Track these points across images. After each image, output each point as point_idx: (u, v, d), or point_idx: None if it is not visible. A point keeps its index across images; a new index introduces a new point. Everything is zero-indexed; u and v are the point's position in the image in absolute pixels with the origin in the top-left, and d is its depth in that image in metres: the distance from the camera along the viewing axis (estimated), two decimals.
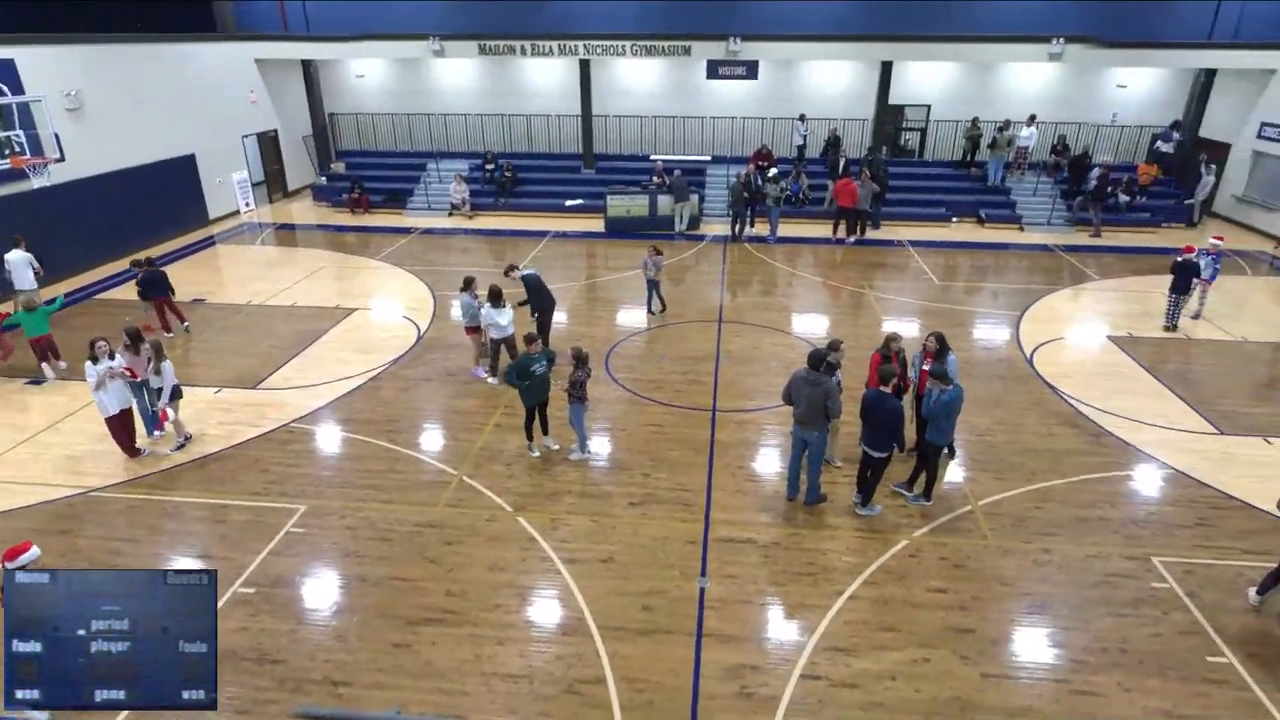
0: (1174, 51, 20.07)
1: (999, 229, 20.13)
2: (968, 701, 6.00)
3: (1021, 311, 14.33)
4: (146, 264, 12.93)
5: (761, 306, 14.76)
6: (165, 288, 12.81)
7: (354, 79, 24.21)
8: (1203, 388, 11.24)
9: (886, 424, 7.71)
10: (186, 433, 9.61)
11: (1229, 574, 7.37)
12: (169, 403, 9.30)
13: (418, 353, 12.46)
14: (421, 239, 19.46)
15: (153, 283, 12.67)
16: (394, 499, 8.53)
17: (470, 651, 6.46)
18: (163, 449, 9.48)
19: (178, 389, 9.36)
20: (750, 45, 20.46)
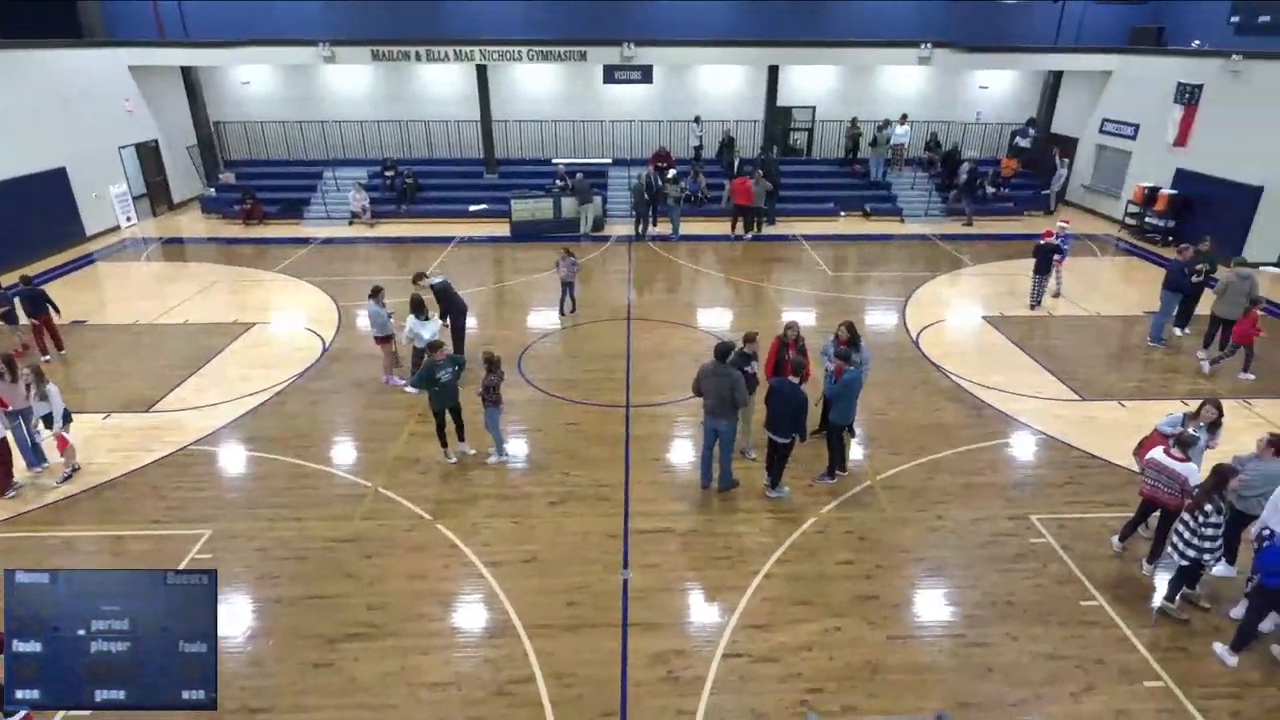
0: (1025, 55, 22.02)
1: (882, 221, 21.41)
2: (877, 664, 6.44)
3: (906, 297, 15.34)
4: (23, 282, 11.99)
5: (668, 303, 15.14)
6: (45, 305, 11.95)
7: (240, 86, 23.04)
8: (1065, 359, 12.38)
9: (791, 412, 8.12)
10: (75, 463, 9.01)
11: (1095, 525, 8.21)
12: (56, 428, 8.68)
13: (324, 365, 12.11)
14: (322, 249, 18.80)
15: (32, 299, 11.81)
16: (306, 516, 8.30)
17: (395, 664, 6.40)
18: (47, 481, 8.86)
19: (68, 413, 8.77)
20: (644, 50, 20.88)
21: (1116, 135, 21.00)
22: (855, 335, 9.15)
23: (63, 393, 8.88)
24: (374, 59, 20.84)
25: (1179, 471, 6.98)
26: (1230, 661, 6.44)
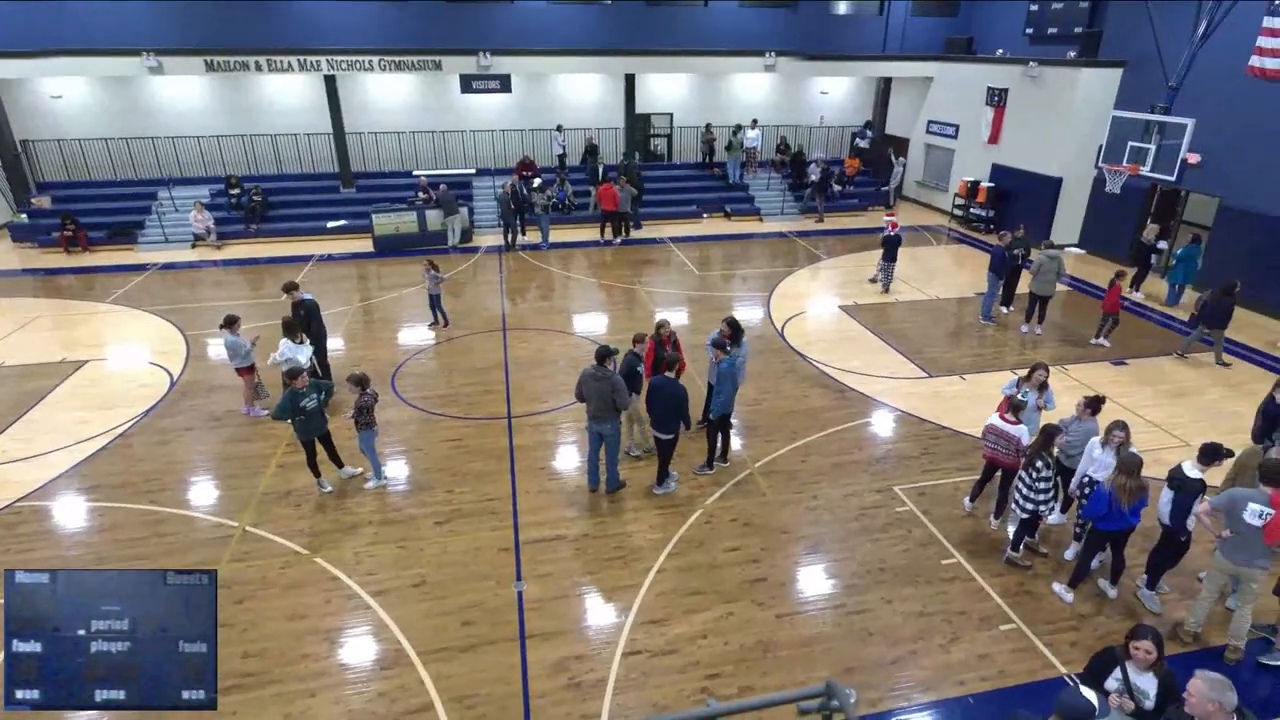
0: (857, 63, 23.80)
1: (743, 221, 22.43)
2: (769, 642, 6.77)
3: (770, 291, 16.16)
4: None
5: (542, 311, 15.12)
6: None
7: (49, 100, 20.64)
8: (912, 340, 13.48)
9: (673, 405, 8.36)
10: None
11: (948, 490, 9.02)
12: None
13: (174, 400, 11.14)
14: (161, 275, 17.24)
15: None
16: (165, 565, 7.60)
17: (279, 711, 6.04)
18: None
19: None
20: (501, 59, 20.70)
21: (941, 135, 23.12)
22: (738, 329, 9.41)
23: None
24: (208, 69, 19.33)
25: (1012, 434, 7.81)
26: (1068, 598, 7.29)
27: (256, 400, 10.69)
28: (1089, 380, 11.86)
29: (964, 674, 6.48)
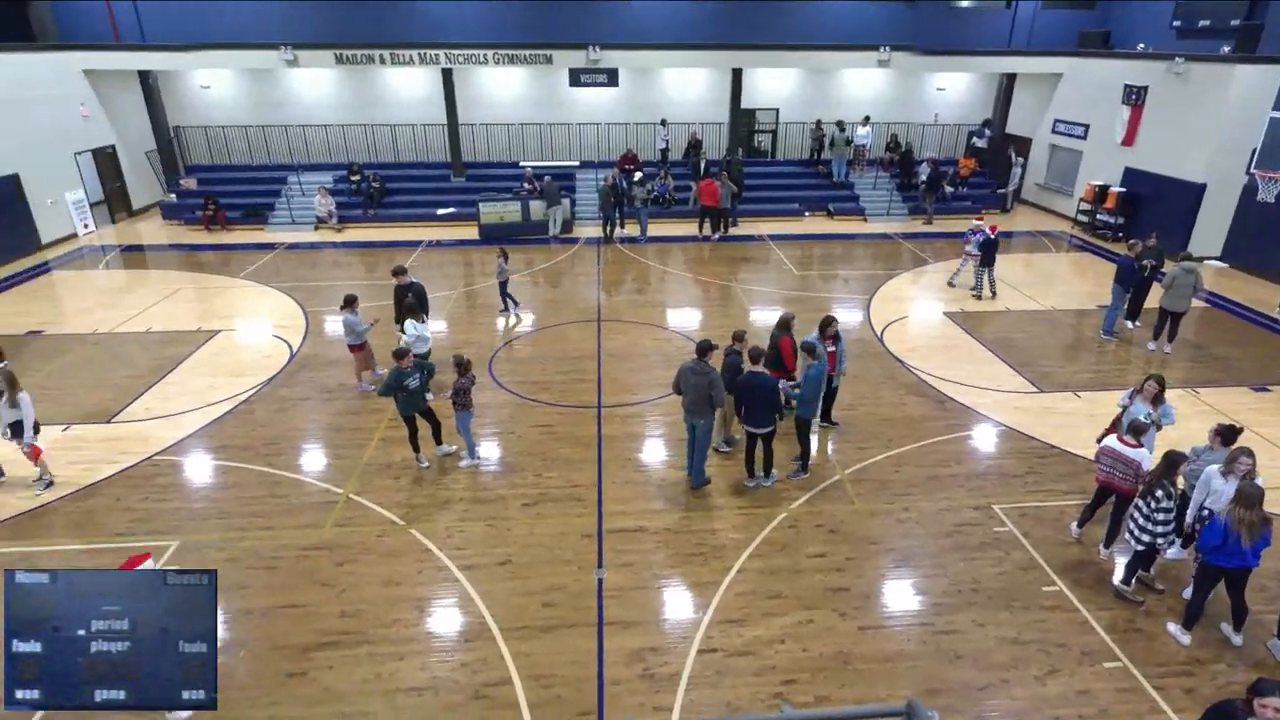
0: (979, 58, 22.59)
1: (846, 220, 21.79)
2: (849, 654, 6.59)
3: (871, 294, 15.65)
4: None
5: (637, 304, 15.23)
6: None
7: (199, 90, 22.60)
8: (1023, 353, 12.74)
9: (764, 400, 8.26)
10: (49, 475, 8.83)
11: (1054, 513, 8.48)
12: (13, 439, 8.46)
13: (292, 371, 11.96)
14: (287, 255, 18.53)
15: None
16: (277, 525, 8.22)
17: (370, 671, 6.38)
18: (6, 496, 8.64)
19: (36, 423, 8.56)
20: (609, 54, 20.96)
21: (1068, 135, 21.65)
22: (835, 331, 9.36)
23: None
24: (338, 62, 20.60)
25: (1132, 457, 7.25)
26: (1184, 640, 6.72)
27: (367, 373, 11.30)
28: (1224, 406, 10.86)
29: (1061, 709, 6.09)
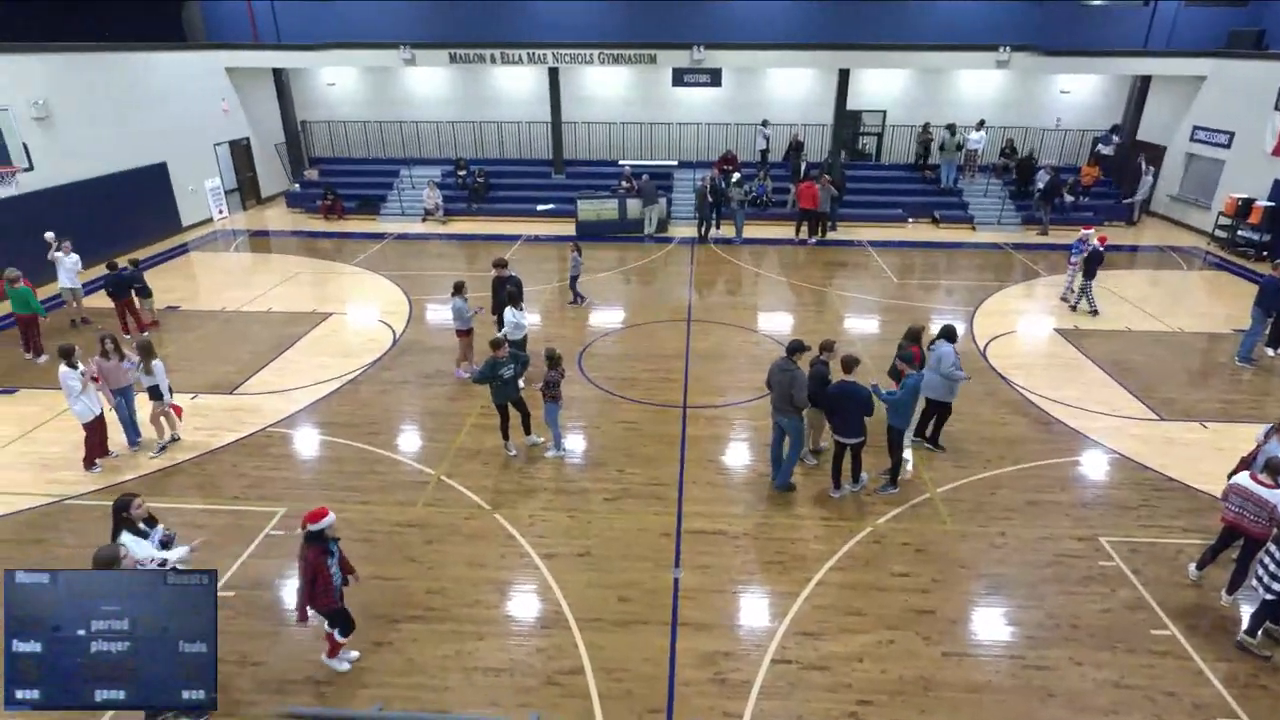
0: (1111, 59, 21.07)
1: (953, 229, 20.87)
2: (930, 680, 6.32)
3: (975, 307, 14.92)
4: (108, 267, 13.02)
5: (728, 305, 15.12)
6: (127, 290, 12.92)
7: (325, 87, 24.13)
8: (1143, 376, 11.84)
9: (857, 409, 8.07)
10: (175, 433, 9.70)
11: (1170, 551, 7.85)
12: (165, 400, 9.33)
13: (395, 355, 12.58)
14: (395, 244, 19.50)
15: (115, 284, 12.85)
16: (373, 500, 8.66)
17: (451, 647, 6.62)
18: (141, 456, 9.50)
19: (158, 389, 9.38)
20: (713, 54, 20.88)
21: (1208, 143, 19.90)
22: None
23: None
24: (451, 61, 21.47)
25: (1266, 498, 6.61)
26: None
27: (465, 362, 11.74)
28: None
29: None
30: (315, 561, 5.80)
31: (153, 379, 9.18)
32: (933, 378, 9.15)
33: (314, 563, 5.79)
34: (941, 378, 9.09)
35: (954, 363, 9.08)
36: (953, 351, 9.12)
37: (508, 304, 11.03)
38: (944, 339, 9.22)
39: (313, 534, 5.78)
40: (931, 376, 9.13)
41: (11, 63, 15.16)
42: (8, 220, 14.59)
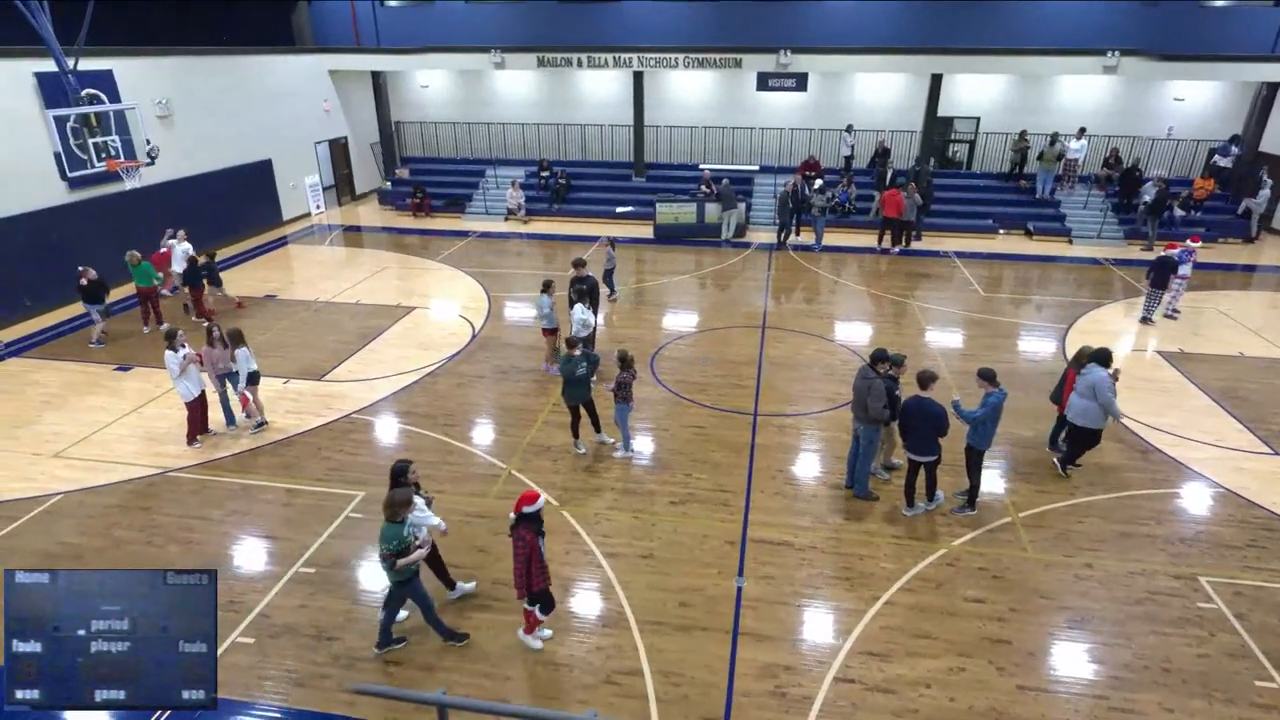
0: (1234, 65, 19.57)
1: (1047, 241, 19.84)
2: (1003, 712, 6.04)
3: (1069, 324, 14.15)
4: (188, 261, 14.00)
5: (804, 313, 14.87)
6: (200, 280, 13.86)
7: (419, 89, 25.09)
8: (1256, 405, 10.98)
9: (931, 426, 7.80)
10: (261, 418, 10.21)
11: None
12: (246, 387, 9.87)
13: (473, 350, 12.93)
14: (478, 242, 20.09)
15: (190, 274, 13.86)
16: (447, 489, 8.92)
17: (514, 639, 6.74)
18: (237, 435, 10.10)
19: (256, 374, 9.94)
20: (800, 58, 20.59)
21: None
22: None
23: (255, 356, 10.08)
24: (539, 65, 21.94)
25: None
26: None
27: (554, 360, 11.93)
28: None
29: None
30: (532, 542, 6.17)
31: (234, 366, 9.75)
32: (1081, 403, 8.78)
33: (531, 543, 6.17)
34: (1099, 405, 8.67)
35: (1110, 388, 8.63)
36: (1106, 377, 8.67)
37: (577, 301, 11.16)
38: (1097, 362, 8.79)
39: (527, 516, 6.16)
40: (1080, 402, 8.78)
41: (139, 64, 16.40)
42: (132, 210, 15.70)
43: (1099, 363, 8.79)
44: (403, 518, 6.13)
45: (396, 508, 6.09)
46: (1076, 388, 8.87)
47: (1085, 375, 8.77)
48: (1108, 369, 8.77)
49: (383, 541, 6.07)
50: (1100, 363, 8.78)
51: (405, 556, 6.09)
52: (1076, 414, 8.89)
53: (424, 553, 6.33)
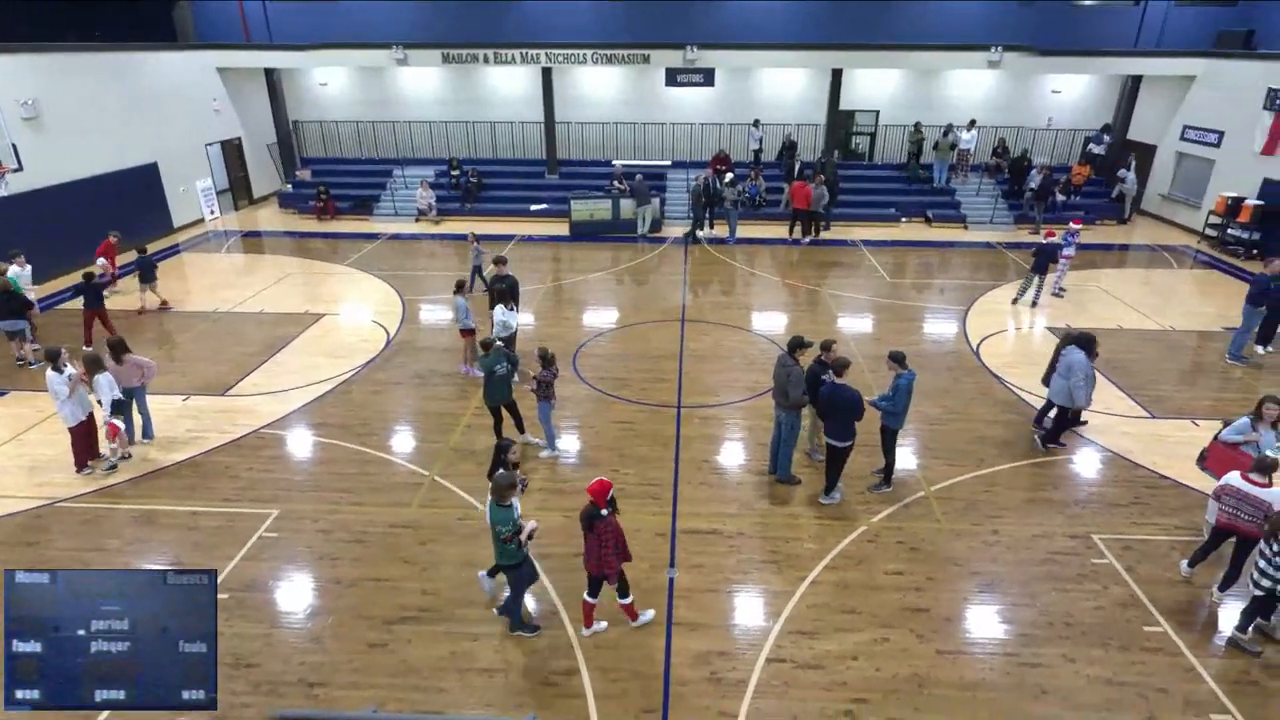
0: (1102, 59, 21.21)
1: (945, 228, 20.94)
2: (925, 677, 6.35)
3: (968, 306, 14.97)
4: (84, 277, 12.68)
5: (722, 305, 15.14)
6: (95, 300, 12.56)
7: (317, 87, 24.04)
8: (1135, 374, 11.91)
9: (848, 412, 8.05)
10: (124, 452, 9.31)
11: (1162, 548, 7.90)
12: (112, 415, 8.96)
13: (388, 356, 12.54)
14: (389, 244, 19.45)
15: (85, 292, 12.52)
16: (367, 501, 8.63)
17: (446, 648, 6.61)
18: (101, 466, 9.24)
19: (118, 403, 8.95)
20: (707, 54, 20.91)
21: (1199, 143, 20.04)
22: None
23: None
24: (444, 61, 21.43)
25: (1261, 498, 6.67)
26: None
27: (474, 361, 11.66)
28: None
29: None
30: (618, 526, 6.40)
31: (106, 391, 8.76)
32: (1060, 383, 9.21)
33: (618, 527, 6.40)
34: (1069, 386, 9.09)
35: (1085, 374, 9.02)
36: (1084, 361, 9.07)
37: (499, 302, 11.00)
38: (1075, 345, 9.20)
39: (611, 502, 6.36)
40: (1060, 382, 9.21)
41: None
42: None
43: (1080, 346, 9.18)
44: (509, 501, 6.24)
45: (503, 491, 6.18)
46: (1058, 369, 9.29)
47: (1065, 356, 9.18)
48: (1091, 354, 9.18)
49: (499, 525, 6.20)
50: (1082, 347, 9.17)
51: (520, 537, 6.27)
52: (1055, 393, 9.34)
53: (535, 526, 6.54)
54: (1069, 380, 9.11)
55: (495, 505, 6.21)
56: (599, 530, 6.31)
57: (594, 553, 6.39)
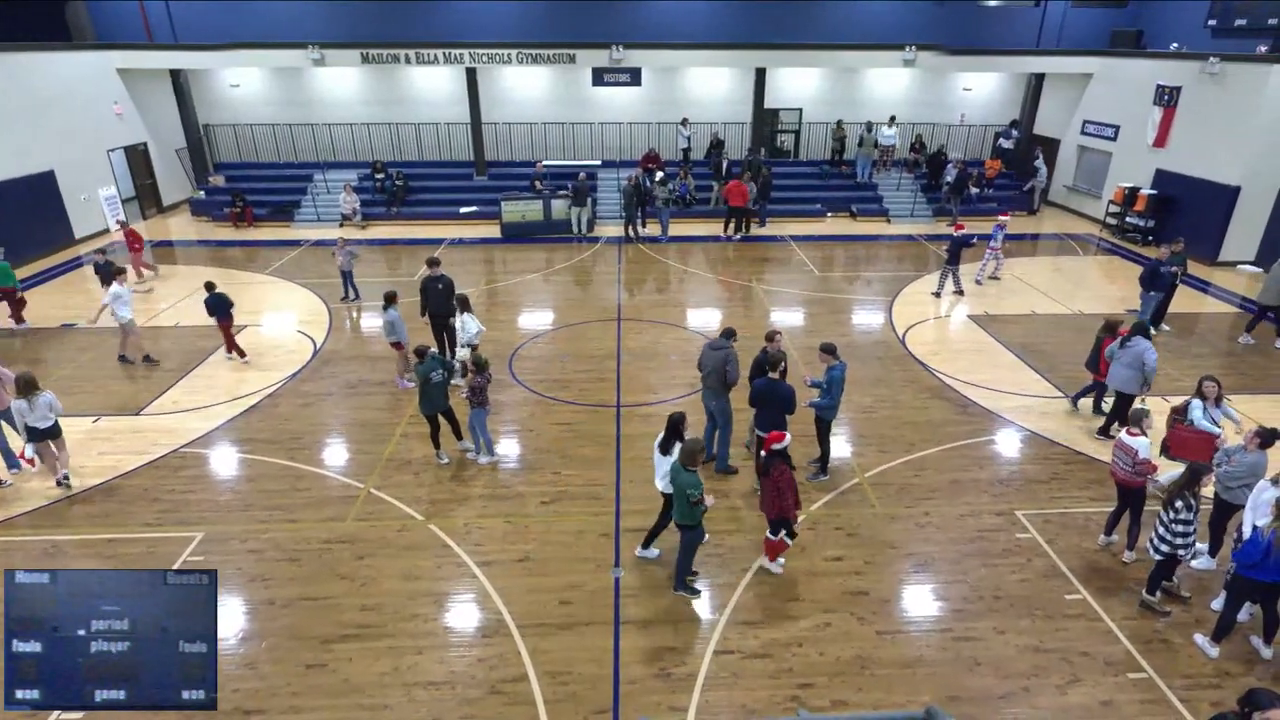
0: (1007, 58, 22.32)
1: (869, 222, 21.63)
2: (867, 658, 6.55)
3: (893, 297, 15.50)
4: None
5: (658, 303, 15.23)
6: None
7: (228, 89, 22.96)
8: (1049, 357, 12.55)
9: (780, 407, 8.20)
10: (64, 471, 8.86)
11: (1079, 520, 8.36)
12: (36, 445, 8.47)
13: (316, 367, 12.12)
14: (313, 251, 18.76)
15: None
16: (300, 517, 8.33)
17: (389, 664, 6.45)
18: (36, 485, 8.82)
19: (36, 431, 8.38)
20: (632, 53, 20.98)
21: (1097, 136, 21.31)
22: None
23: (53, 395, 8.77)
24: (364, 61, 20.82)
25: (1131, 445, 7.26)
26: (1211, 652, 6.59)
27: (409, 373, 11.34)
28: (1265, 414, 10.61)
29: (1083, 719, 6.01)
30: (790, 474, 7.02)
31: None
32: (1126, 372, 9.36)
33: (790, 475, 7.00)
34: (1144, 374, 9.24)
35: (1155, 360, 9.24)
36: (1153, 349, 9.26)
37: (458, 311, 10.61)
38: (1140, 334, 9.37)
39: (777, 452, 6.98)
40: (1125, 372, 9.36)
41: None
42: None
43: (1142, 334, 9.42)
44: (697, 464, 6.70)
45: (694, 455, 6.68)
46: (1121, 359, 9.42)
47: (1132, 347, 9.34)
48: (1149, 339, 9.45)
49: (689, 488, 6.58)
50: (1144, 335, 9.43)
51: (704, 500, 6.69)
52: (1120, 382, 9.51)
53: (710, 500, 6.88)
54: (1144, 370, 9.26)
55: (682, 469, 6.66)
56: (775, 477, 6.90)
57: (771, 499, 6.98)
